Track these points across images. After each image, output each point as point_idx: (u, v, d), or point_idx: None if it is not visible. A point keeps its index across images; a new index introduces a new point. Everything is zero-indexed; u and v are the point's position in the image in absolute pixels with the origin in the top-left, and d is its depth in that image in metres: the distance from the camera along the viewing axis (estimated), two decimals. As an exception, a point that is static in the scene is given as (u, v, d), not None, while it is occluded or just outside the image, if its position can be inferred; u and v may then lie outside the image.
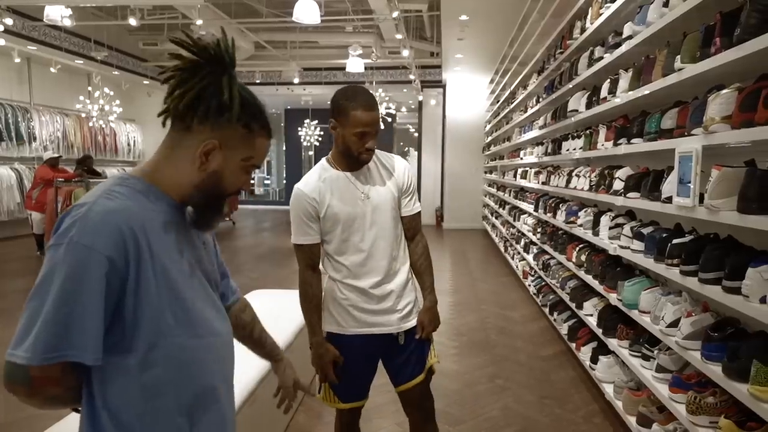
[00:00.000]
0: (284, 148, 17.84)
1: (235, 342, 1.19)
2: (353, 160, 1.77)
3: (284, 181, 18.16)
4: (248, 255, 8.58)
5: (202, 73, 0.96)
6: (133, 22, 6.67)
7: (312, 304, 1.83)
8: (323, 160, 1.86)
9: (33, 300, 0.87)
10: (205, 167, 0.99)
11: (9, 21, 7.00)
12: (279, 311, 3.29)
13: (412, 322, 1.88)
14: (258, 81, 12.49)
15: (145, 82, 11.96)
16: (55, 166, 7.85)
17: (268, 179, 19.79)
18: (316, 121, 15.36)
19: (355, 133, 1.69)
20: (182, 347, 0.97)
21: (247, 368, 2.32)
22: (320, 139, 15.58)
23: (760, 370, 1.54)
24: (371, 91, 1.81)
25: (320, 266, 1.88)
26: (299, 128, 15.98)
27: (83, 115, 10.57)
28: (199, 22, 6.80)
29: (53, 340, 0.85)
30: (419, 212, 1.93)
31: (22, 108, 9.53)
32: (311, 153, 16.53)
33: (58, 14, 5.98)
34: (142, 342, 0.92)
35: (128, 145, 12.50)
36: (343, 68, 9.64)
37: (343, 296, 1.82)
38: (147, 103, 12.24)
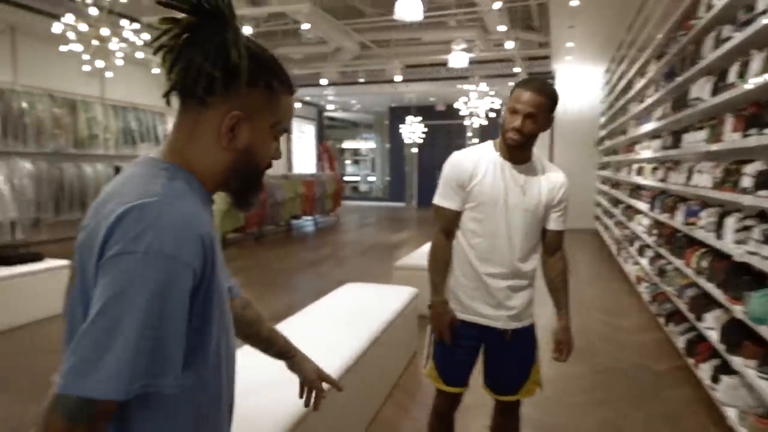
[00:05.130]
0: (388, 146, 18.07)
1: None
2: (510, 149, 1.75)
3: (387, 179, 18.42)
4: (350, 249, 8.87)
5: (203, 35, 0.80)
6: (249, 30, 7.17)
7: (439, 265, 1.86)
8: (490, 141, 1.86)
9: (101, 321, 0.70)
10: (234, 145, 0.85)
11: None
12: (367, 304, 3.34)
13: (519, 324, 1.85)
14: (362, 80, 12.80)
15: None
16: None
17: (372, 176, 20.23)
18: (420, 118, 15.30)
19: (509, 108, 1.71)
20: (227, 368, 0.90)
21: (333, 359, 2.36)
22: (423, 136, 15.49)
23: None
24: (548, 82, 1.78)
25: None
26: (402, 125, 16.04)
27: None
28: (307, 26, 7.09)
29: (137, 368, 0.70)
30: (563, 231, 1.88)
31: (158, 113, 10.75)
32: (414, 150, 16.55)
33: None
34: (200, 363, 0.82)
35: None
36: (446, 64, 9.51)
37: (461, 281, 1.85)
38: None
